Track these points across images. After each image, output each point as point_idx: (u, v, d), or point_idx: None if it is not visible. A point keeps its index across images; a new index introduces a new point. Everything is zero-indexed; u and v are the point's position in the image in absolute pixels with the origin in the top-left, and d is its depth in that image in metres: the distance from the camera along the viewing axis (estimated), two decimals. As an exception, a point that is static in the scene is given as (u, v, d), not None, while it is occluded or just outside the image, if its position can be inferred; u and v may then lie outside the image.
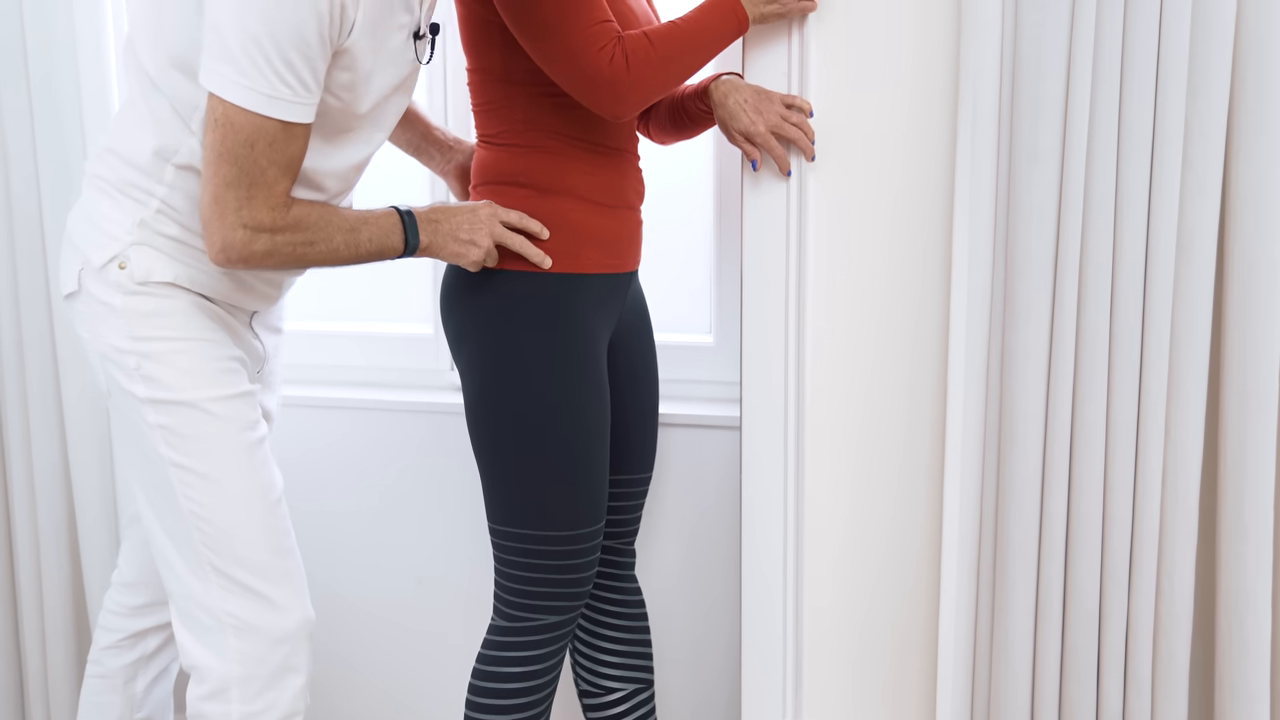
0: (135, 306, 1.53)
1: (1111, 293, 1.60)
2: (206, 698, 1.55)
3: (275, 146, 1.41)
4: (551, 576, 1.70)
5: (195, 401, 1.53)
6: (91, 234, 1.55)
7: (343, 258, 1.54)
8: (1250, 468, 1.58)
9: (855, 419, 1.85)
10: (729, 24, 1.66)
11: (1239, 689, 1.62)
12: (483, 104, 1.70)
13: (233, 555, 1.54)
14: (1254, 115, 1.52)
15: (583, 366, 1.67)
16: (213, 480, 1.54)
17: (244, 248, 1.44)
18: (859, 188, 1.78)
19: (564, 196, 1.67)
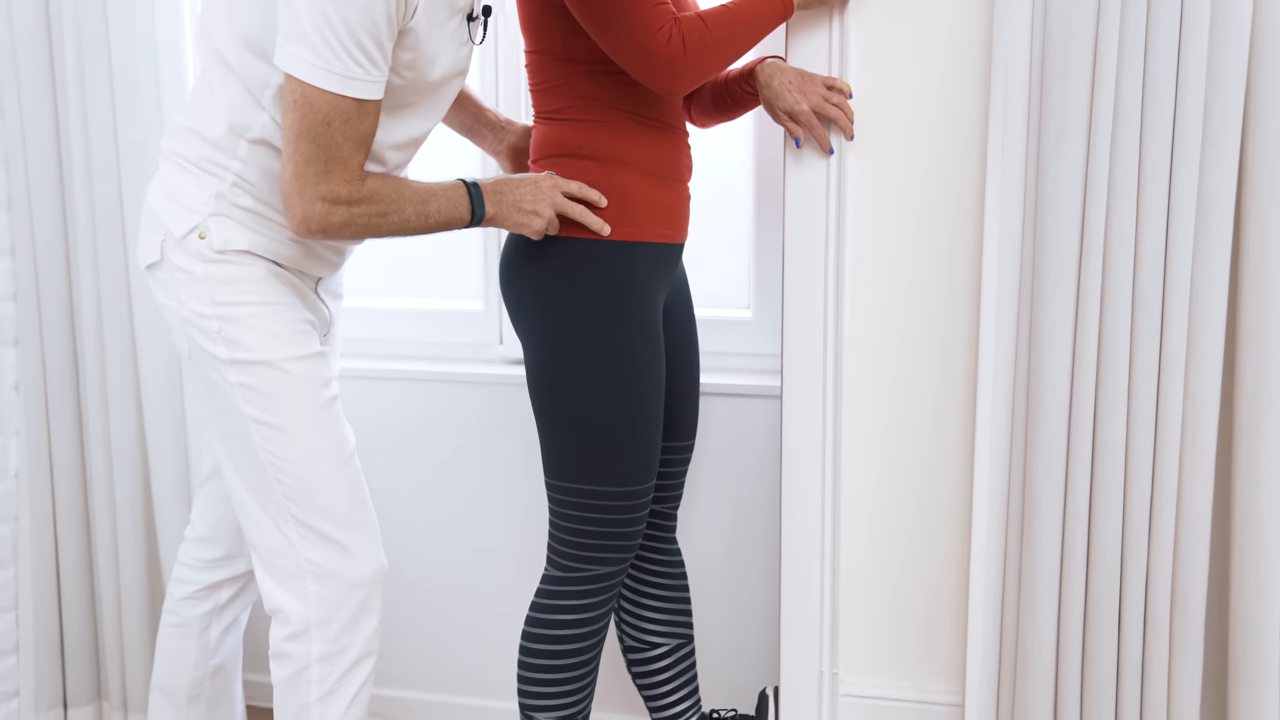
0: (215, 274, 1.62)
1: (1134, 264, 1.70)
2: (289, 639, 1.65)
3: (350, 124, 1.51)
4: (605, 530, 1.79)
5: (274, 361, 1.63)
6: (172, 207, 1.64)
7: (414, 228, 1.63)
8: (1264, 425, 1.67)
9: (890, 388, 1.94)
10: (776, 9, 1.75)
11: (1252, 635, 1.71)
12: (542, 82, 1.79)
13: (312, 505, 1.64)
14: (1270, 91, 1.61)
15: (639, 329, 1.76)
16: (292, 435, 1.63)
17: (323, 219, 1.54)
18: (896, 165, 1.88)
19: (623, 168, 1.76)
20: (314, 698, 1.66)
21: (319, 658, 1.65)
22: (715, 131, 2.18)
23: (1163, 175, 1.66)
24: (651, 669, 2.06)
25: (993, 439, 1.83)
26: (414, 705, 2.47)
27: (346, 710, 1.67)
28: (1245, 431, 1.69)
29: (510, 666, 2.41)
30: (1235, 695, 1.73)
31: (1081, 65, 1.67)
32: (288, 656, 1.67)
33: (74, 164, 2.13)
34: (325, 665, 1.65)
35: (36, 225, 2.17)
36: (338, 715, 1.67)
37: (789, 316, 1.94)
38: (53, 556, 2.24)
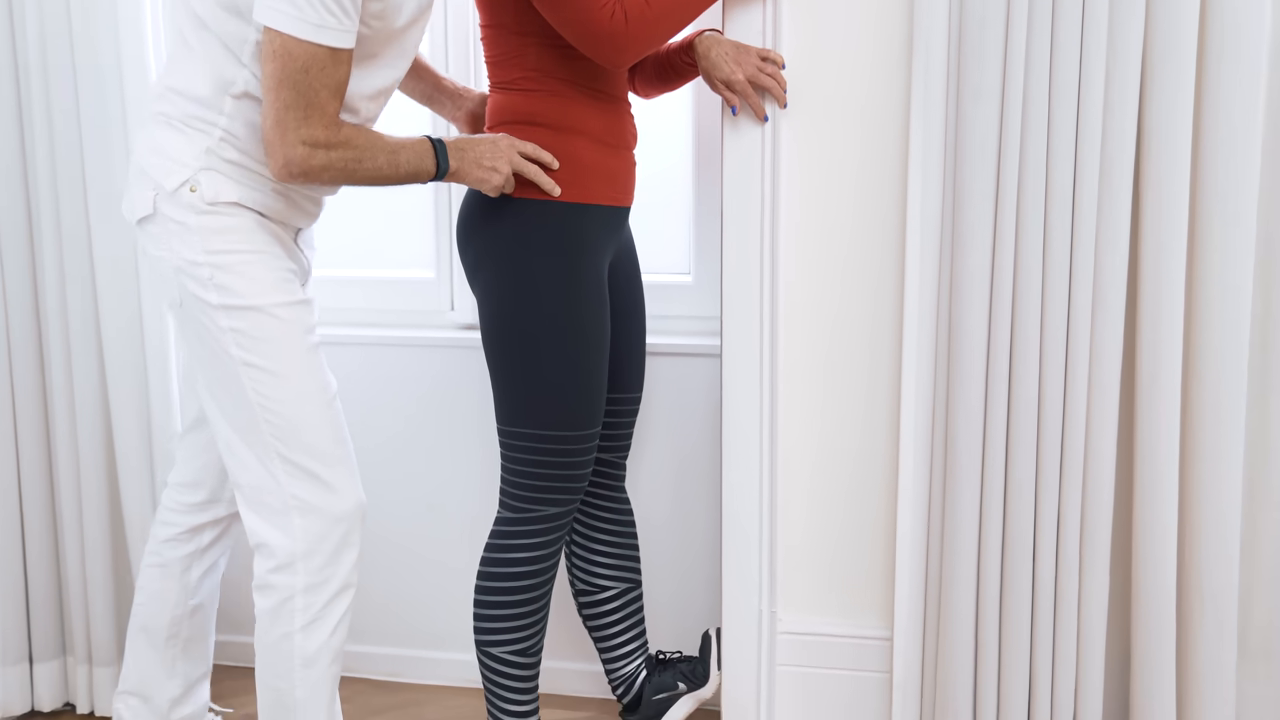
0: (207, 224, 1.71)
1: (1045, 219, 1.83)
2: (274, 571, 1.74)
3: (326, 71, 1.61)
4: (552, 472, 1.90)
5: (263, 306, 1.72)
6: (162, 163, 1.73)
7: (385, 176, 1.73)
8: (1163, 368, 1.81)
9: (823, 345, 2.06)
10: None
11: (1150, 561, 1.85)
12: (497, 55, 1.89)
13: (298, 443, 1.73)
14: (1164, 63, 1.76)
15: (586, 287, 1.87)
16: (280, 376, 1.73)
17: (304, 162, 1.63)
18: (826, 132, 2.00)
19: (574, 135, 1.87)
20: (297, 626, 1.74)
21: (303, 588, 1.74)
22: (656, 102, 2.29)
23: (1069, 134, 1.80)
24: (601, 611, 2.17)
25: (918, 389, 1.96)
26: (374, 659, 2.57)
27: (329, 638, 1.76)
28: (1145, 374, 1.83)
29: (463, 622, 2.51)
30: (1137, 614, 1.88)
31: (995, 36, 1.80)
32: (272, 588, 1.75)
33: (36, 137, 2.20)
34: (309, 595, 1.74)
35: None
36: (321, 642, 1.76)
37: (727, 279, 2.05)
38: (17, 514, 2.30)
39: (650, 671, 2.21)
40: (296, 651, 1.75)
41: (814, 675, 2.12)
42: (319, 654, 1.76)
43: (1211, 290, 1.80)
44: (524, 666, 1.97)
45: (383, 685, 2.53)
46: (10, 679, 2.32)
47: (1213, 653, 1.85)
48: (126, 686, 2.04)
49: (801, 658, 2.12)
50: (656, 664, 2.22)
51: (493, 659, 1.96)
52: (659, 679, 2.19)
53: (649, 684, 2.19)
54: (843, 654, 2.11)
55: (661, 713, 2.19)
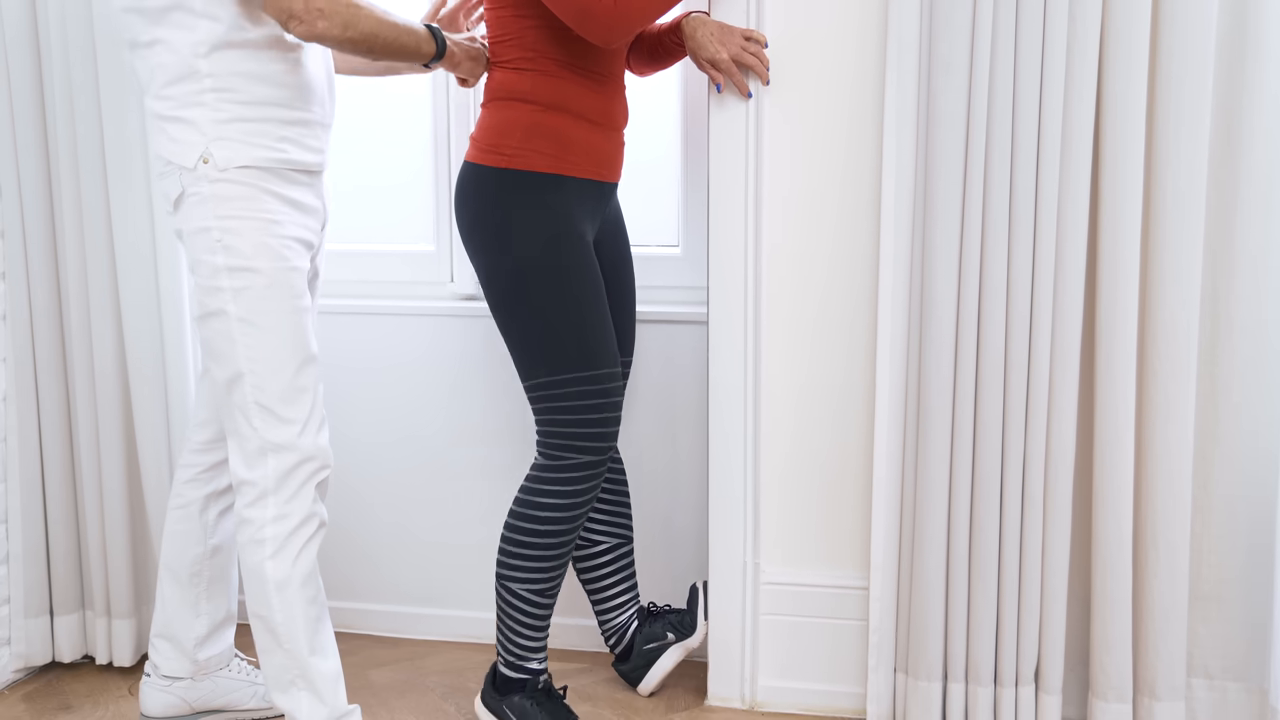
0: (219, 192, 1.85)
1: (1010, 186, 1.94)
2: (249, 505, 1.91)
3: None
4: (579, 416, 2.00)
5: (262, 269, 1.86)
6: (178, 148, 1.86)
7: (385, 40, 1.87)
8: (1119, 327, 1.92)
9: (803, 310, 2.16)
10: None
11: (1109, 507, 1.97)
12: (498, 35, 2.00)
13: (272, 392, 1.88)
14: (1121, 38, 1.87)
15: (571, 238, 1.97)
16: (266, 331, 1.87)
17: (318, 21, 1.78)
18: (807, 106, 2.11)
19: (562, 113, 1.98)
20: (267, 554, 1.90)
21: (271, 519, 1.90)
22: (646, 80, 2.39)
23: (1033, 103, 1.91)
24: (595, 564, 2.29)
25: (892, 354, 2.06)
26: (375, 616, 2.68)
27: (294, 563, 1.91)
28: (1104, 330, 1.94)
29: (464, 580, 2.62)
30: (1097, 563, 1.99)
31: (963, 15, 1.91)
32: (248, 521, 1.91)
33: None
34: (276, 526, 1.90)
35: (23, 168, 2.33)
36: (287, 567, 1.91)
37: (714, 250, 2.16)
38: (39, 474, 2.41)
39: (641, 622, 2.32)
40: (269, 577, 1.90)
41: (795, 623, 2.23)
42: (288, 579, 1.91)
43: (1164, 260, 1.92)
44: (540, 605, 2.07)
45: (384, 640, 2.65)
46: (33, 631, 2.44)
47: (1167, 598, 1.97)
48: (156, 630, 2.17)
49: (784, 607, 2.24)
50: (647, 615, 2.33)
51: (511, 594, 2.07)
52: (649, 629, 2.31)
53: (640, 634, 2.31)
54: (822, 603, 2.22)
55: (651, 661, 2.30)
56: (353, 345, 2.60)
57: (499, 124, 1.98)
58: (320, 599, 1.96)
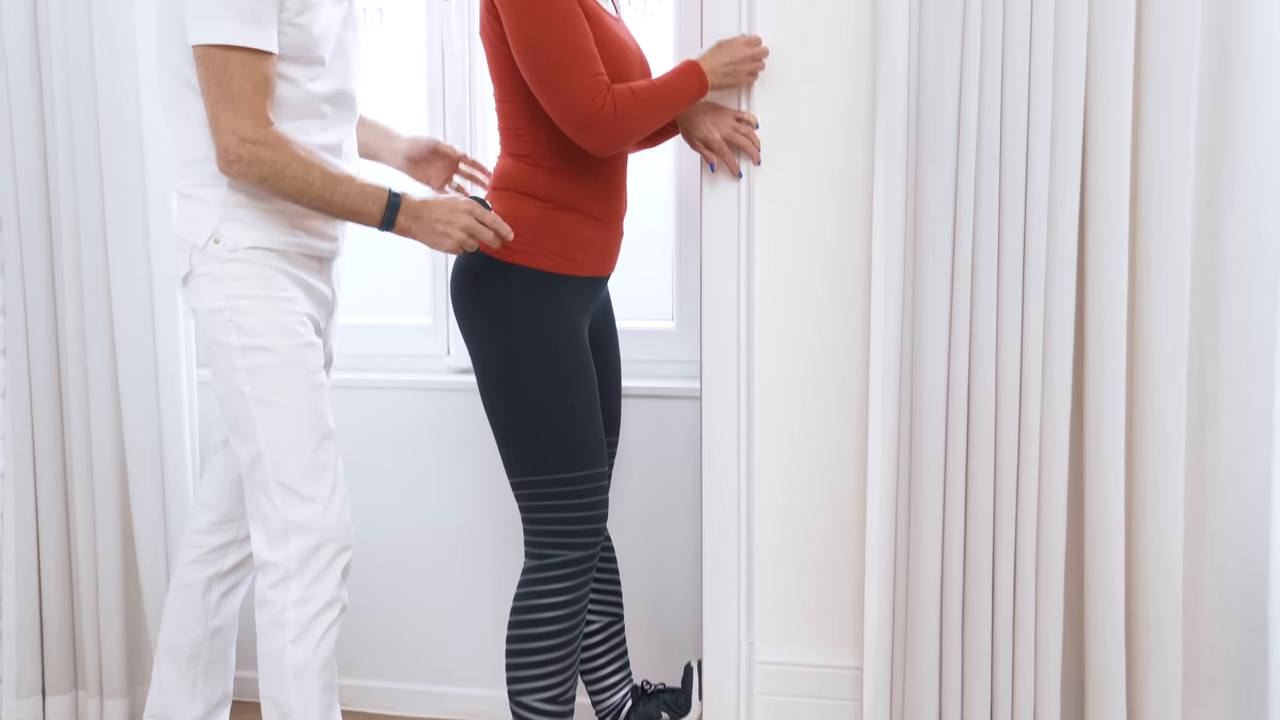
0: (230, 272, 1.88)
1: (998, 268, 1.95)
2: (271, 587, 1.90)
3: (246, 67, 1.79)
4: (568, 514, 1.99)
5: (275, 347, 1.88)
6: (190, 226, 1.91)
7: (318, 197, 1.84)
8: (1108, 411, 1.93)
9: (797, 389, 2.16)
10: (693, 88, 1.98)
11: (1100, 592, 1.96)
12: (511, 128, 2.00)
13: (293, 470, 1.89)
14: (1104, 128, 1.90)
15: (568, 339, 1.98)
16: (283, 409, 1.89)
17: (235, 151, 1.80)
18: (794, 188, 2.12)
19: (568, 210, 1.98)
20: (289, 639, 1.89)
21: (294, 602, 1.90)
22: (640, 157, 2.42)
23: (1019, 192, 1.93)
24: (587, 644, 2.27)
25: (883, 436, 2.05)
26: (373, 693, 2.67)
27: (315, 650, 1.89)
28: (1092, 413, 1.95)
29: (454, 649, 2.61)
30: (1090, 645, 1.98)
31: (949, 106, 1.94)
32: (269, 603, 1.90)
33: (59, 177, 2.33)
34: (299, 609, 1.89)
35: (25, 244, 2.36)
36: (309, 653, 1.89)
37: (707, 326, 2.17)
38: (34, 552, 2.41)
39: (635, 702, 2.31)
40: (289, 663, 1.89)
41: (790, 704, 2.22)
42: (307, 666, 1.90)
43: (1150, 341, 1.93)
44: (556, 715, 2.03)
45: (386, 719, 2.63)
46: (24, 712, 2.43)
47: (1161, 679, 1.96)
48: (151, 710, 2.16)
49: (778, 687, 2.22)
50: (641, 695, 2.32)
51: (525, 708, 2.02)
52: (644, 709, 2.29)
53: (634, 714, 2.29)
54: (816, 683, 2.21)
55: (646, 741, 2.29)
56: (347, 418, 2.61)
57: (506, 216, 1.98)
58: (334, 684, 1.96)
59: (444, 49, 2.52)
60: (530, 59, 1.87)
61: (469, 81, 2.54)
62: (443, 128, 2.56)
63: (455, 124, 2.55)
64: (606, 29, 1.96)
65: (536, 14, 1.85)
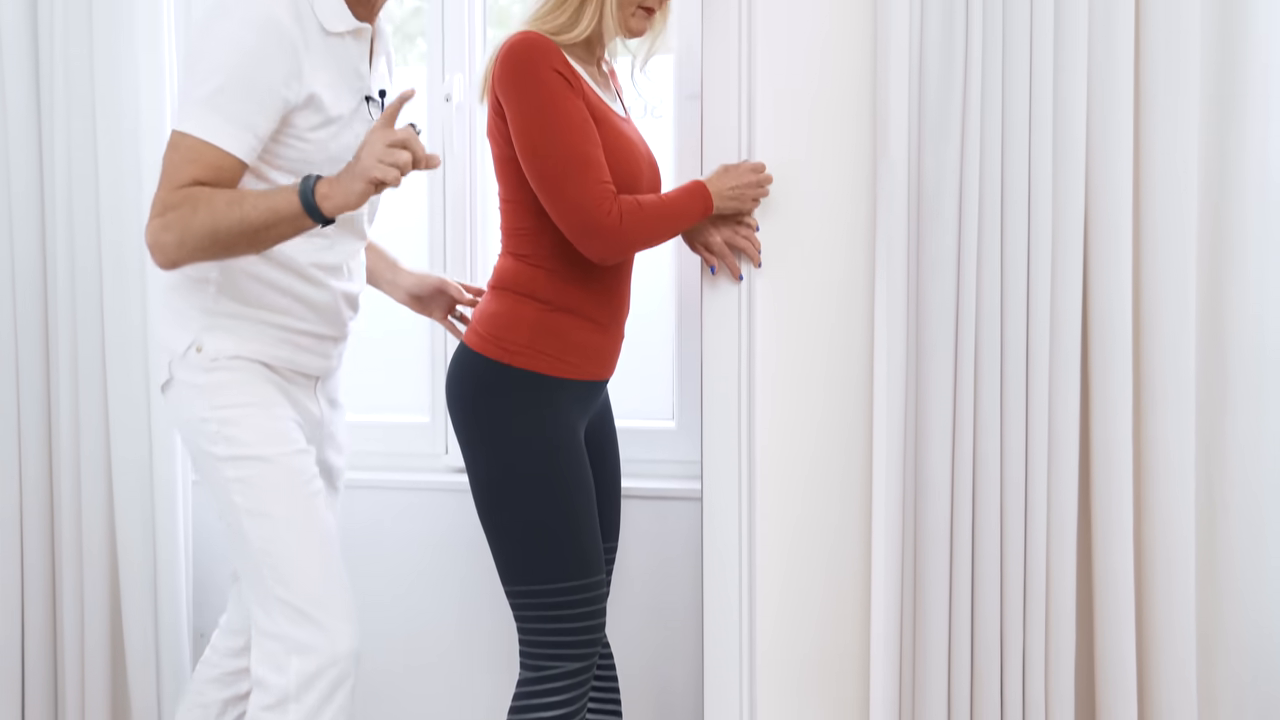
0: (213, 380, 1.82)
1: (1000, 374, 1.95)
2: (267, 709, 1.80)
3: (192, 150, 1.68)
4: (564, 625, 1.94)
5: (265, 456, 1.81)
6: (170, 331, 1.85)
7: (231, 220, 1.65)
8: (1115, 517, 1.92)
9: (798, 486, 2.15)
10: (698, 209, 1.99)
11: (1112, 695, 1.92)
12: (514, 228, 1.99)
13: (296, 587, 1.80)
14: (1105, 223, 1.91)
15: (565, 445, 1.95)
16: (279, 521, 1.81)
17: (154, 236, 1.67)
18: (798, 290, 2.12)
19: (569, 314, 1.97)
20: None
21: None
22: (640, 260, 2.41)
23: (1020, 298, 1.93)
24: (585, 753, 2.22)
25: (887, 535, 2.02)
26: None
27: None
28: (1100, 524, 1.93)
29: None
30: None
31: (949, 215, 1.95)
32: None
33: (58, 220, 2.33)
34: None
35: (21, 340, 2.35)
36: None
37: (708, 425, 2.15)
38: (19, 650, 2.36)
39: (634, 811, 2.25)
40: None
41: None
42: None
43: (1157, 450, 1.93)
44: None
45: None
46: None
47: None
48: None
49: (781, 798, 2.17)
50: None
51: None
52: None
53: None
54: (820, 794, 2.16)
55: None
56: (342, 518, 2.57)
57: (505, 316, 1.96)
58: None
59: (445, 148, 2.53)
60: (537, 165, 1.86)
61: (470, 181, 2.55)
62: (443, 227, 2.57)
63: (455, 223, 2.56)
64: (615, 131, 1.96)
65: (544, 120, 1.85)
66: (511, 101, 1.88)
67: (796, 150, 2.08)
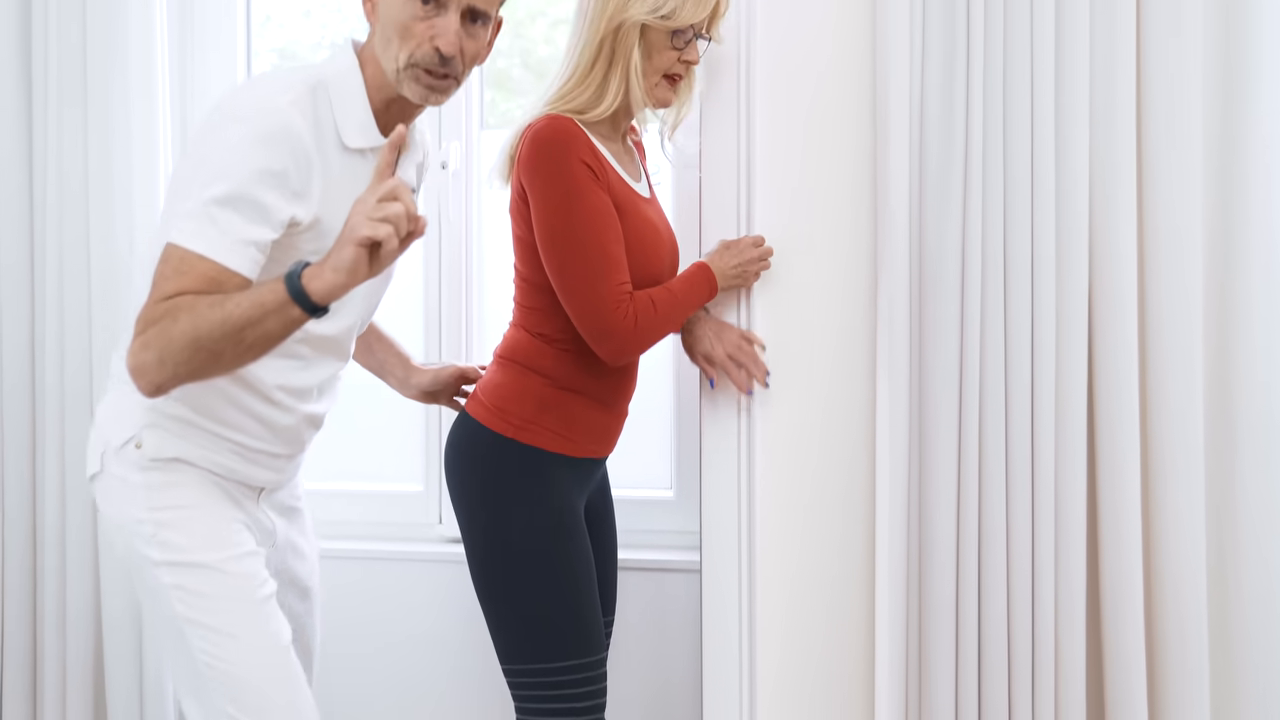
0: (150, 480, 1.67)
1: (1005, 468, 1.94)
2: None
3: (185, 263, 1.51)
4: (566, 705, 1.89)
5: (208, 562, 1.66)
6: (112, 420, 1.70)
7: (213, 322, 1.47)
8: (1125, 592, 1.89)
9: (799, 558, 2.12)
10: (705, 292, 1.97)
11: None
12: (527, 303, 1.96)
13: (249, 703, 1.64)
14: (1109, 291, 1.91)
15: (565, 522, 1.92)
16: (227, 634, 1.64)
17: (134, 358, 1.50)
18: (798, 359, 2.09)
19: (575, 394, 1.94)
20: None
21: None
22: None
23: (1025, 372, 1.93)
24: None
25: (890, 609, 2.00)
26: None
27: None
28: (1109, 597, 1.92)
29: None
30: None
31: (951, 278, 1.94)
32: None
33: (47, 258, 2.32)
34: None
35: (4, 283, 2.33)
36: None
37: (707, 495, 2.12)
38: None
39: None
40: None
41: None
42: None
43: (1166, 520, 1.91)
44: None
45: None
46: None
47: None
48: None
49: None
50: None
51: None
52: None
53: None
54: None
55: None
56: (330, 589, 2.52)
57: (511, 389, 1.94)
58: None
59: (440, 216, 2.52)
60: (556, 258, 1.85)
61: (466, 250, 2.54)
62: (438, 296, 2.55)
63: (451, 293, 2.54)
64: (638, 217, 1.94)
65: (566, 214, 1.83)
66: (536, 190, 1.85)
67: (797, 220, 2.07)
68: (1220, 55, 1.93)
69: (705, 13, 1.91)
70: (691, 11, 1.89)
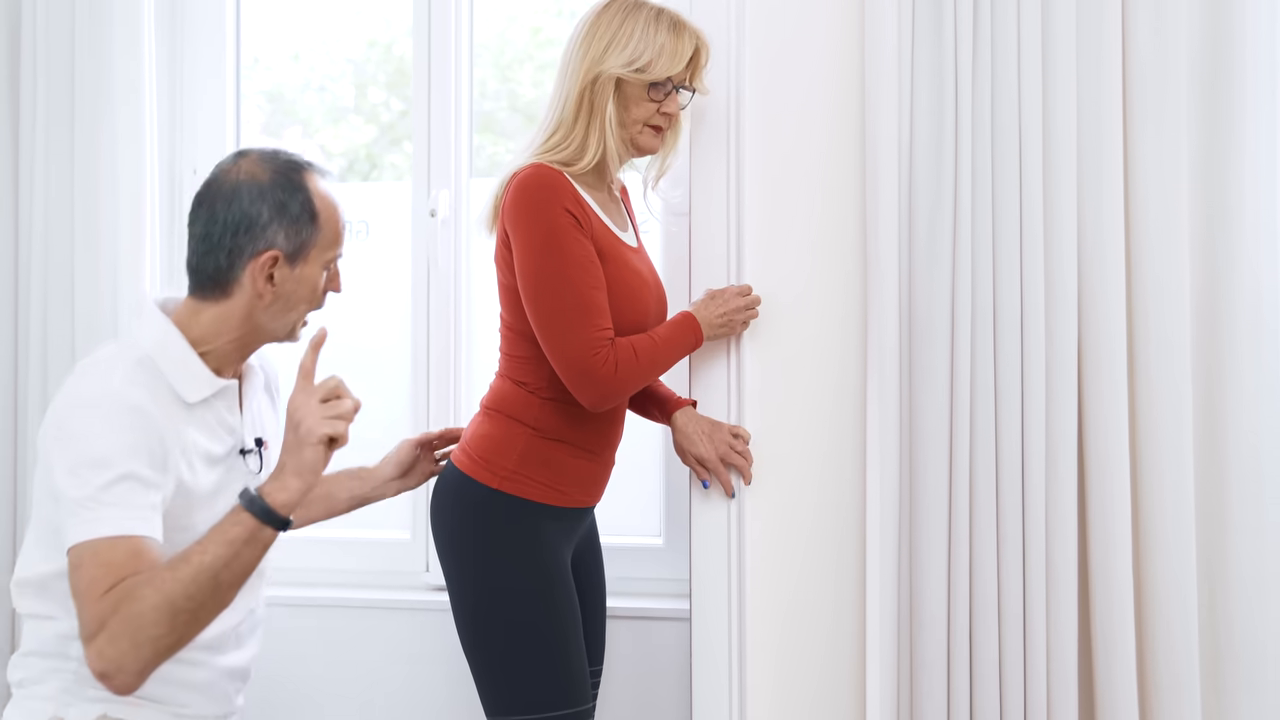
0: None
1: (997, 518, 1.94)
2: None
3: (102, 554, 1.47)
4: None
5: None
6: (19, 712, 1.60)
7: (184, 580, 1.46)
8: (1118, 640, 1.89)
9: (789, 606, 2.11)
10: (690, 342, 1.98)
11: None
12: (512, 353, 1.96)
13: None
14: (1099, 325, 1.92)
15: (555, 575, 1.91)
16: None
17: (101, 659, 1.44)
18: (787, 409, 2.09)
19: (560, 443, 1.94)
20: None
21: None
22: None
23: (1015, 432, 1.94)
24: None
25: (881, 657, 1.99)
26: None
27: None
28: (1101, 648, 1.91)
29: None
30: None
31: (941, 329, 1.95)
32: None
33: None
34: None
35: None
36: None
37: (696, 542, 2.11)
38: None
39: None
40: None
41: None
42: None
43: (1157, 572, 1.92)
44: None
45: None
46: None
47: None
48: None
49: None
50: None
51: None
52: None
53: None
54: None
55: None
56: (316, 636, 2.51)
57: (495, 439, 1.93)
58: None
59: (430, 264, 2.52)
60: (538, 304, 1.85)
61: (454, 297, 2.53)
62: (426, 343, 2.54)
63: (439, 341, 2.53)
64: (624, 265, 1.94)
65: (548, 262, 1.83)
66: (519, 237, 1.86)
67: (786, 269, 2.08)
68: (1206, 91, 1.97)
69: (681, 66, 1.92)
70: (667, 65, 1.90)
